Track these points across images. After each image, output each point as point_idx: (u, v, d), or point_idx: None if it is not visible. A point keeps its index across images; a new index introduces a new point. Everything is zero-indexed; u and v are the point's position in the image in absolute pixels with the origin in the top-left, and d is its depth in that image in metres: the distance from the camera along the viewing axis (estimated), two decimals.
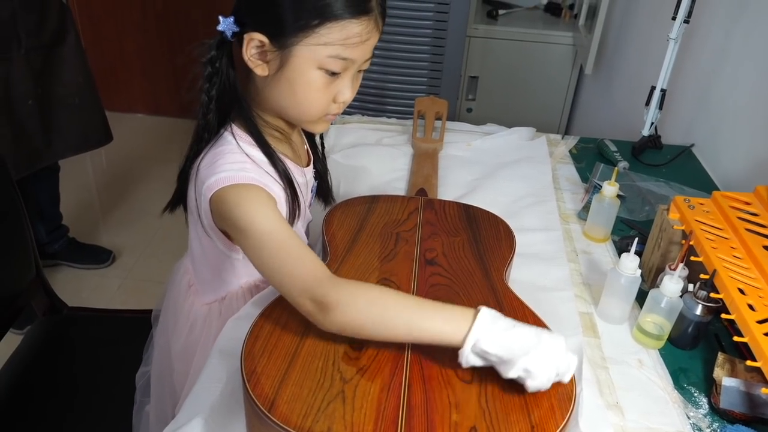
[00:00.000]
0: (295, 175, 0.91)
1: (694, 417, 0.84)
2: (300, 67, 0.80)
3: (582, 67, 2.57)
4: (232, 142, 0.85)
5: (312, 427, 0.64)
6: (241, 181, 0.80)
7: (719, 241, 0.94)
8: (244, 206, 0.78)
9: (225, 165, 0.82)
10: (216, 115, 0.87)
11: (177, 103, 3.32)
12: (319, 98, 0.83)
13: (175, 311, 1.04)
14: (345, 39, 0.78)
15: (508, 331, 0.68)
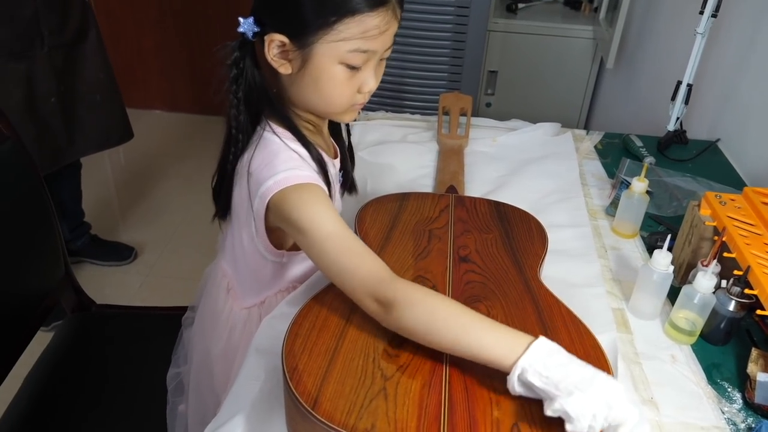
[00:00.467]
0: (329, 167, 0.92)
1: (729, 412, 0.84)
2: (322, 65, 0.81)
3: (602, 61, 2.56)
4: (277, 141, 0.85)
5: (356, 425, 0.65)
6: (300, 180, 0.81)
7: (752, 237, 0.94)
8: (306, 207, 0.79)
9: (280, 165, 0.82)
10: (246, 116, 0.87)
11: (194, 99, 3.34)
12: (344, 91, 0.84)
13: (213, 315, 1.05)
14: (364, 32, 0.78)
15: (562, 367, 0.64)
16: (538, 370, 0.64)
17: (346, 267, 0.76)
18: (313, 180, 0.82)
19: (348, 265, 0.76)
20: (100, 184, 2.82)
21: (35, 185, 1.30)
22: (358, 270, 0.75)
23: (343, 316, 0.78)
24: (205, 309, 1.09)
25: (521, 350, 0.65)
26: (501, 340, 0.68)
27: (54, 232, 1.35)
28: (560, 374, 0.63)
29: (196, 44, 3.18)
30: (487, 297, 0.83)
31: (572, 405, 0.61)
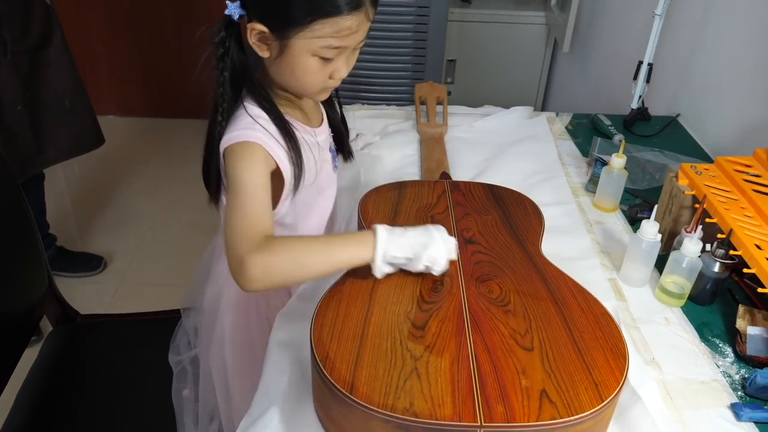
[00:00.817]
0: (305, 135, 0.99)
1: (723, 365, 0.90)
2: (297, 56, 0.88)
3: (556, 45, 2.64)
4: (243, 113, 0.92)
5: (395, 404, 0.68)
6: (246, 138, 0.88)
7: (729, 202, 1.01)
8: (240, 161, 0.87)
9: (235, 126, 0.90)
10: (231, 93, 0.94)
11: (149, 102, 3.28)
12: (317, 78, 0.91)
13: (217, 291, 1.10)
14: (337, 32, 0.85)
15: (404, 237, 0.82)
16: (394, 245, 0.81)
17: (237, 215, 0.83)
18: (259, 140, 0.89)
19: (238, 214, 0.83)
20: (57, 196, 2.74)
21: (15, 196, 1.27)
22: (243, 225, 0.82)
23: (363, 304, 0.81)
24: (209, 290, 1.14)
25: (372, 241, 0.81)
26: (354, 244, 0.82)
27: (36, 243, 1.32)
28: (409, 242, 0.82)
29: (148, 45, 3.12)
30: (497, 275, 0.87)
31: (431, 255, 0.81)
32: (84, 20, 3.03)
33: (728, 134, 1.41)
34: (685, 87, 1.60)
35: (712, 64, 1.48)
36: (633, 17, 1.94)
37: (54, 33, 1.76)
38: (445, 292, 0.84)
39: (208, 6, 3.00)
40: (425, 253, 0.81)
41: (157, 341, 1.40)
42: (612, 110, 1.64)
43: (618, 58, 2.04)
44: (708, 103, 1.50)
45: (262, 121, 0.92)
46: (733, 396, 0.85)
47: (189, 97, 3.23)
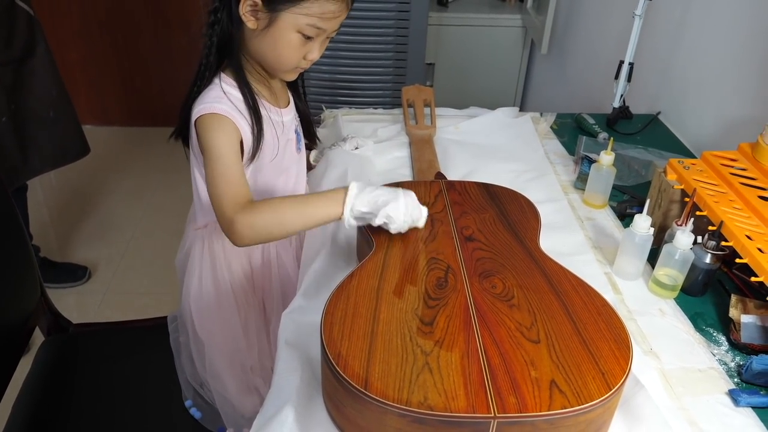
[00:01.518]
0: (271, 113, 1.08)
1: (718, 354, 0.93)
2: (283, 29, 0.96)
3: (533, 47, 2.68)
4: (217, 84, 1.02)
5: (409, 399, 0.69)
6: (215, 111, 0.97)
7: (718, 195, 1.04)
8: (210, 133, 0.97)
9: (206, 98, 1.00)
10: (216, 59, 1.03)
11: (127, 111, 3.25)
12: (293, 55, 1.00)
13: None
14: (322, 13, 0.95)
15: (371, 194, 0.91)
16: (362, 200, 0.90)
17: (219, 183, 0.94)
18: (228, 114, 0.98)
19: (221, 182, 0.94)
20: (35, 206, 2.70)
21: (7, 206, 1.26)
22: (228, 191, 0.94)
23: (371, 302, 0.82)
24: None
25: (343, 196, 0.91)
26: (327, 201, 0.92)
27: (28, 253, 1.31)
28: (376, 197, 0.90)
29: (124, 54, 3.09)
30: (498, 271, 0.89)
31: (391, 210, 0.89)
32: (59, 30, 2.99)
33: (709, 130, 1.45)
34: (665, 85, 1.64)
35: (691, 63, 1.52)
36: (610, 18, 1.98)
37: (38, 43, 1.74)
38: (450, 289, 0.85)
39: (185, 14, 2.99)
40: (384, 209, 0.89)
41: (149, 348, 1.40)
42: (591, 109, 1.68)
43: (596, 58, 2.09)
44: (688, 100, 1.54)
45: (232, 93, 1.01)
46: (730, 383, 0.88)
47: (167, 105, 3.21)
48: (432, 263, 0.90)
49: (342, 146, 1.34)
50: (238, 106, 1.00)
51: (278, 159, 1.11)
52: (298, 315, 0.94)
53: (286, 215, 0.93)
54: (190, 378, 1.27)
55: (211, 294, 1.19)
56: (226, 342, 1.20)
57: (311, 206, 0.93)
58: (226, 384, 1.22)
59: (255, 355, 1.22)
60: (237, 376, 1.22)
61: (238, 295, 1.19)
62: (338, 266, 1.05)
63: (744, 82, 1.32)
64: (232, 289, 1.19)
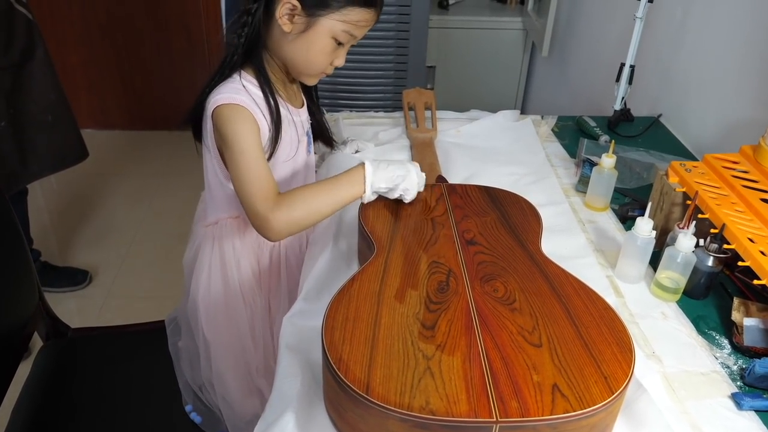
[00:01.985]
0: (288, 112, 1.11)
1: (721, 357, 0.93)
2: (320, 34, 1.00)
3: (533, 49, 2.68)
4: (237, 78, 1.03)
5: (411, 403, 0.69)
6: (235, 102, 0.99)
7: (720, 198, 1.04)
8: (231, 124, 0.98)
9: (224, 89, 1.01)
10: (240, 57, 1.04)
11: (127, 115, 3.25)
12: (324, 60, 1.04)
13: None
14: (357, 21, 1.00)
15: (387, 171, 0.98)
16: (380, 176, 0.97)
17: (249, 179, 0.96)
18: (246, 105, 0.99)
19: (250, 178, 0.96)
20: (36, 211, 2.70)
21: (4, 210, 1.26)
22: (259, 187, 0.95)
23: (372, 306, 0.81)
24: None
25: (362, 177, 0.97)
26: (350, 182, 0.98)
27: (26, 258, 1.31)
28: (391, 174, 0.98)
29: (125, 58, 3.10)
30: (500, 274, 0.89)
31: (405, 186, 0.99)
32: (60, 34, 3.00)
33: (710, 132, 1.45)
34: (666, 87, 1.63)
35: (693, 65, 1.52)
36: (611, 21, 1.98)
37: (36, 47, 1.74)
38: (451, 293, 0.85)
39: (185, 18, 2.99)
40: (402, 184, 0.98)
41: (149, 352, 1.40)
42: (592, 112, 1.67)
43: (597, 60, 2.09)
44: (689, 102, 1.53)
45: (251, 89, 1.03)
46: (732, 386, 0.88)
47: (167, 108, 3.22)
48: (433, 267, 0.89)
49: (342, 150, 1.34)
50: (257, 102, 1.02)
51: (293, 158, 1.14)
52: (299, 319, 0.93)
53: (318, 203, 0.96)
54: (190, 381, 1.27)
55: (220, 293, 1.19)
56: (232, 341, 1.21)
57: (335, 189, 0.97)
58: (228, 385, 1.22)
59: (261, 356, 1.22)
60: (241, 376, 1.22)
61: (246, 295, 1.19)
62: (339, 269, 1.05)
63: (745, 84, 1.32)
64: (240, 288, 1.19)
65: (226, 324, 1.20)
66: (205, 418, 1.25)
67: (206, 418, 1.25)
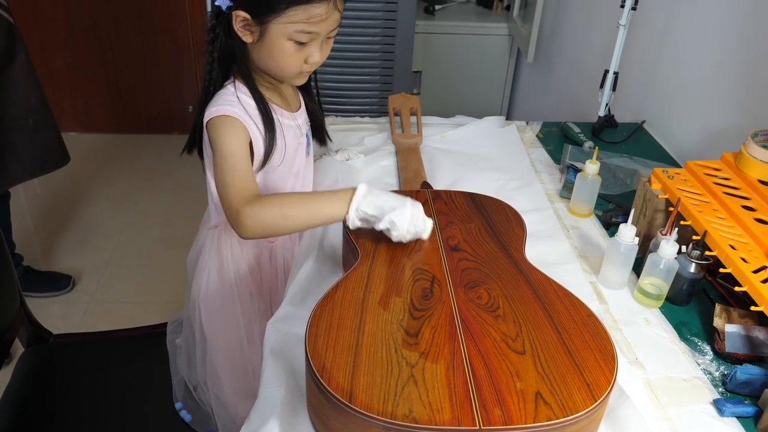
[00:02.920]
0: (283, 118, 1.12)
1: (703, 363, 0.93)
2: (274, 39, 0.99)
3: (519, 55, 2.69)
4: (230, 89, 1.05)
5: (394, 411, 0.68)
6: (227, 113, 1.01)
7: (702, 205, 1.04)
8: (222, 134, 1.00)
9: (218, 101, 1.03)
10: (219, 73, 1.07)
11: (112, 118, 3.23)
12: (292, 62, 1.03)
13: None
14: (308, 18, 0.97)
15: (379, 198, 0.92)
16: (369, 202, 0.91)
17: (228, 178, 0.97)
18: (238, 117, 1.01)
19: (229, 177, 0.97)
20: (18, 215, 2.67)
21: None
22: (235, 185, 0.96)
23: (356, 313, 0.81)
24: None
25: (350, 196, 0.92)
26: (334, 200, 0.94)
27: (7, 263, 1.29)
28: (382, 201, 0.91)
29: (110, 61, 3.07)
30: (484, 281, 0.89)
31: (395, 217, 0.90)
32: (43, 37, 2.98)
33: (693, 139, 1.46)
34: (650, 94, 1.65)
35: (676, 72, 1.53)
36: (595, 28, 2.00)
37: (17, 52, 1.72)
38: (435, 300, 0.85)
39: (170, 21, 2.98)
40: (389, 215, 0.90)
41: (133, 358, 1.39)
42: (577, 118, 1.69)
43: (582, 67, 2.10)
44: (672, 109, 1.55)
45: (245, 99, 1.04)
46: (714, 392, 0.88)
47: (152, 112, 3.20)
48: (417, 274, 0.89)
49: (333, 156, 1.34)
50: (249, 112, 1.04)
51: (288, 163, 1.14)
52: (283, 324, 0.93)
53: (292, 211, 0.95)
54: (186, 379, 1.27)
55: (218, 294, 1.21)
56: (229, 343, 1.21)
57: (317, 204, 0.95)
58: (223, 385, 1.22)
59: (257, 358, 1.22)
60: (236, 377, 1.23)
61: (243, 298, 1.20)
62: (324, 275, 1.05)
63: (727, 91, 1.34)
64: (238, 291, 1.20)
65: (223, 325, 1.21)
66: (195, 417, 1.25)
67: (196, 416, 1.25)
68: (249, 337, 1.23)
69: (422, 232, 0.94)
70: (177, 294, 2.17)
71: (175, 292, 2.19)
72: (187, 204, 2.60)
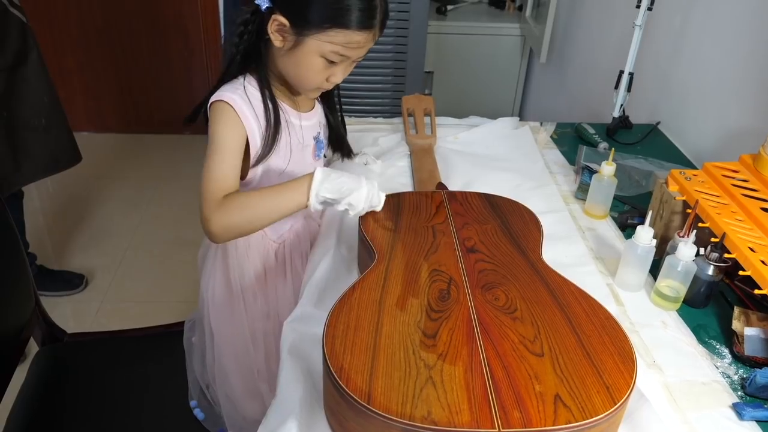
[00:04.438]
0: (290, 116, 1.11)
1: (722, 366, 0.93)
2: (306, 52, 0.99)
3: (532, 55, 2.69)
4: (240, 80, 1.05)
5: (413, 413, 0.68)
6: (224, 99, 1.01)
7: (720, 207, 1.04)
8: (217, 122, 1.01)
9: (223, 88, 1.04)
10: (238, 66, 1.06)
11: (124, 118, 3.25)
12: (316, 77, 1.03)
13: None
14: (347, 43, 0.98)
15: (336, 181, 0.94)
16: (326, 187, 0.94)
17: (208, 178, 0.98)
18: (233, 102, 1.01)
19: (209, 177, 0.98)
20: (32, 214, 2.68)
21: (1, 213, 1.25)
22: (214, 178, 0.98)
23: (373, 315, 0.81)
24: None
25: (308, 183, 0.94)
26: (293, 189, 0.96)
27: (23, 262, 1.30)
28: (339, 184, 0.94)
29: (122, 61, 3.09)
30: (501, 283, 0.88)
31: (354, 199, 0.94)
32: (56, 37, 2.99)
33: (709, 140, 1.45)
34: (665, 95, 1.64)
35: (692, 72, 1.52)
36: (609, 28, 1.98)
37: (30, 51, 1.73)
38: (452, 301, 0.84)
39: (182, 21, 2.99)
40: (347, 198, 0.94)
41: (145, 358, 1.39)
42: (590, 119, 1.68)
43: (595, 67, 2.09)
44: (688, 110, 1.54)
45: (251, 91, 1.04)
46: (733, 396, 0.88)
47: (164, 112, 3.21)
48: (434, 275, 0.89)
49: (352, 160, 1.34)
50: (254, 104, 1.04)
51: (293, 165, 1.13)
52: (299, 324, 0.93)
53: (255, 210, 0.96)
54: (199, 377, 1.28)
55: (224, 293, 1.21)
56: (235, 342, 1.22)
57: (278, 197, 0.96)
58: (231, 384, 1.23)
59: (261, 358, 1.22)
60: (244, 377, 1.23)
61: (247, 297, 1.20)
62: (340, 275, 1.05)
63: (744, 92, 1.32)
64: (242, 290, 1.20)
65: (229, 324, 1.21)
66: (208, 415, 1.25)
67: (209, 415, 1.26)
68: (252, 337, 1.23)
69: (377, 206, 0.99)
70: (188, 294, 2.18)
71: (187, 292, 2.20)
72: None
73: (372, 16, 0.97)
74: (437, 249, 0.95)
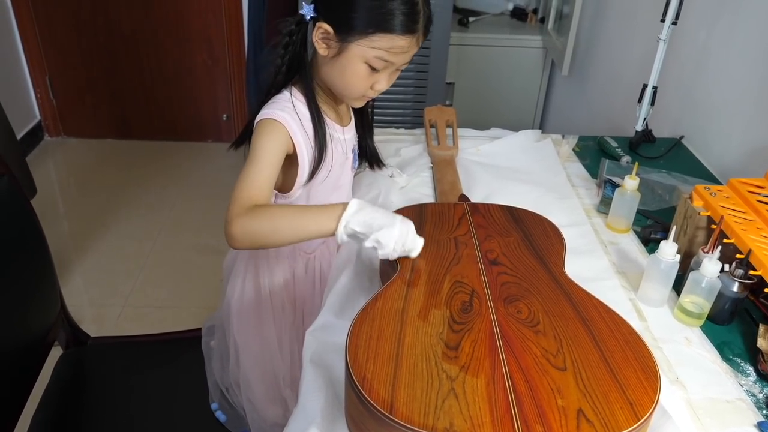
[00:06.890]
0: (335, 131, 1.13)
1: (746, 384, 0.92)
2: (351, 59, 1.01)
3: (553, 67, 2.68)
4: (287, 95, 1.06)
5: (435, 425, 0.68)
6: (275, 117, 1.02)
7: (745, 223, 1.03)
8: (263, 136, 1.01)
9: (273, 105, 1.04)
10: (283, 77, 1.08)
11: (149, 125, 3.29)
12: (360, 84, 1.04)
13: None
14: (390, 48, 0.99)
15: (368, 214, 0.90)
16: (357, 219, 0.89)
17: (244, 183, 0.97)
18: (284, 121, 1.02)
19: (245, 182, 0.97)
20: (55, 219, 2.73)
21: (29, 219, 1.27)
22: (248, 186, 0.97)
23: (396, 325, 0.81)
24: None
25: (340, 212, 0.90)
26: (323, 215, 0.92)
27: (50, 266, 1.32)
28: (371, 218, 0.90)
29: (147, 69, 3.14)
30: (523, 296, 0.88)
31: (382, 236, 0.89)
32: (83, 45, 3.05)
33: (733, 155, 1.44)
34: (689, 109, 1.63)
35: (716, 87, 1.51)
36: (632, 41, 1.98)
37: None
38: (475, 313, 0.85)
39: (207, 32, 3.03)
40: (375, 234, 0.89)
41: (167, 362, 1.40)
42: (612, 132, 1.67)
43: (617, 80, 2.08)
44: (712, 124, 1.53)
45: (300, 108, 1.05)
46: (758, 415, 0.87)
47: (187, 121, 3.26)
48: (456, 287, 0.89)
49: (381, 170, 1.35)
50: (302, 121, 1.05)
51: (334, 176, 1.14)
52: (322, 333, 0.94)
53: (281, 224, 0.94)
54: (219, 381, 1.29)
55: (252, 300, 1.22)
56: (261, 349, 1.22)
57: (306, 218, 0.94)
58: (254, 389, 1.23)
59: (287, 366, 1.23)
60: (267, 383, 1.24)
61: (276, 306, 1.21)
62: (362, 285, 1.05)
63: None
64: (271, 296, 1.21)
65: (255, 331, 1.22)
66: (229, 417, 1.27)
67: (231, 417, 1.27)
68: (279, 345, 1.24)
69: (411, 250, 0.92)
70: (209, 300, 2.20)
71: (208, 298, 2.22)
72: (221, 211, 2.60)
73: (415, 21, 0.98)
74: (459, 261, 0.95)
